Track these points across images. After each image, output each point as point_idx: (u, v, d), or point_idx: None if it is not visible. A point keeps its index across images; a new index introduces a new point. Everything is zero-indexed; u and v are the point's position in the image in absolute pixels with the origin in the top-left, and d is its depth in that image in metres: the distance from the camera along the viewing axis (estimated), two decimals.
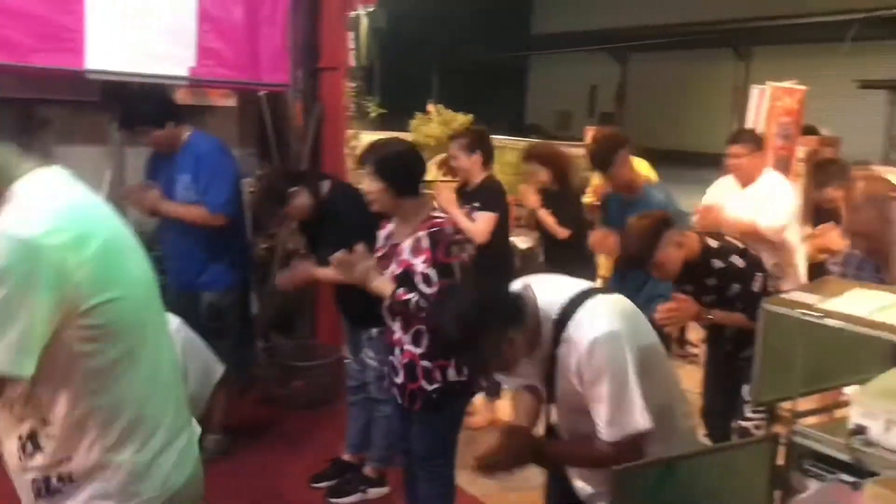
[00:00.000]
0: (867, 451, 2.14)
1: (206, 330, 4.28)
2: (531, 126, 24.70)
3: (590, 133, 12.65)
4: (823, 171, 4.52)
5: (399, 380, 3.23)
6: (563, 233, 4.78)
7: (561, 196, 4.92)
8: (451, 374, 3.15)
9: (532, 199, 4.98)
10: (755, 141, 4.90)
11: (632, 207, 4.08)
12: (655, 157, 5.70)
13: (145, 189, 4.36)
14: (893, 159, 17.65)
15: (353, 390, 4.18)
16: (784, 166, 8.72)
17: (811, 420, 2.39)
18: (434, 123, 13.48)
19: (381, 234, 3.43)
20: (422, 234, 3.13)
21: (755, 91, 8.91)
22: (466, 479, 3.70)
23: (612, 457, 2.18)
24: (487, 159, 4.73)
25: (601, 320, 2.25)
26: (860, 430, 2.16)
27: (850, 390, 2.36)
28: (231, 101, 5.65)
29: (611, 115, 24.76)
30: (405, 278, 3.13)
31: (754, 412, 3.38)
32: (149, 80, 4.64)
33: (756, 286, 3.34)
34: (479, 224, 4.48)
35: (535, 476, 2.97)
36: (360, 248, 3.20)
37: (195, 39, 4.76)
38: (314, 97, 5.24)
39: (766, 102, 8.68)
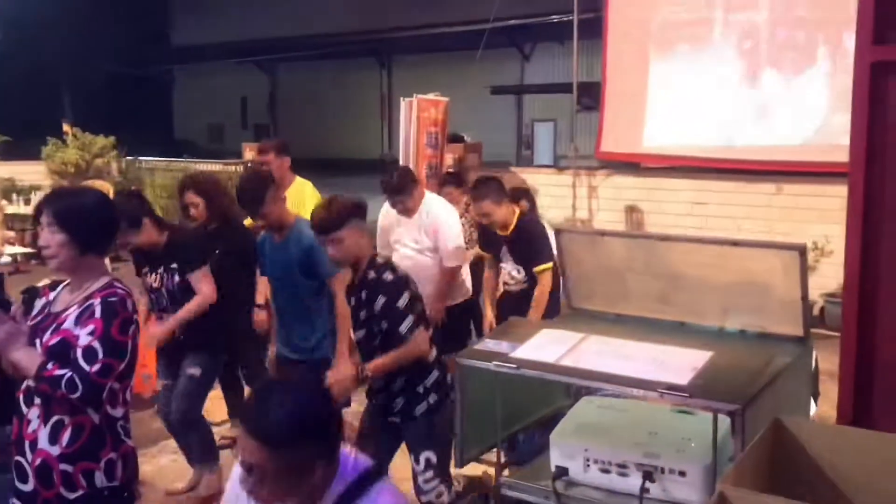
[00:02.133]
0: (569, 493, 2.16)
1: None
2: (182, 142, 23.57)
3: (248, 149, 12.34)
4: (484, 186, 4.69)
5: (27, 487, 2.65)
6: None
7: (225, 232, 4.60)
8: (99, 478, 2.60)
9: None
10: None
11: (284, 249, 3.97)
12: (310, 167, 5.58)
13: None
14: (525, 156, 19.60)
15: None
16: (434, 173, 9.21)
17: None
18: (71, 149, 12.19)
19: (39, 302, 2.83)
20: (96, 301, 2.60)
21: (403, 103, 9.25)
22: None
23: None
24: (157, 220, 4.19)
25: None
26: (562, 472, 2.17)
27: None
28: None
29: (265, 127, 24.49)
30: (60, 351, 2.58)
31: (426, 481, 3.30)
32: None
33: (401, 303, 3.28)
34: (200, 286, 4.01)
35: None
36: (17, 306, 2.62)
37: None
38: None
39: (415, 114, 9.07)
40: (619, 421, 2.30)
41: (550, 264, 4.40)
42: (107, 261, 3.85)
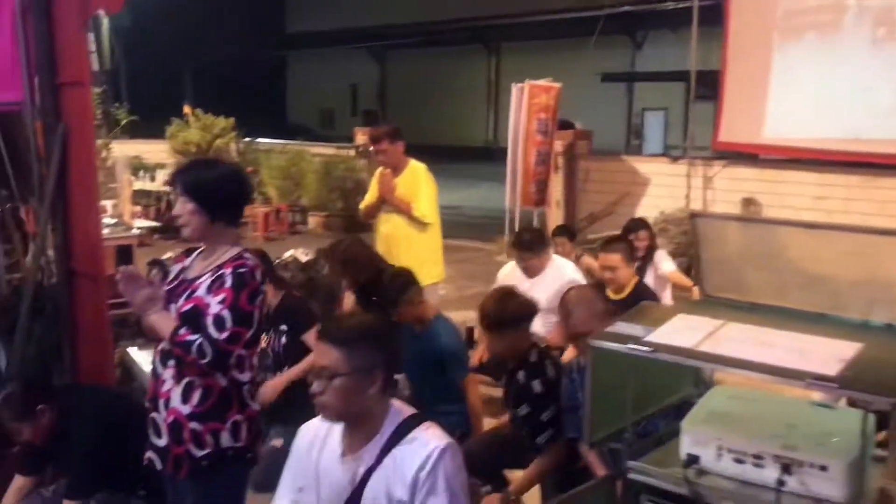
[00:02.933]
0: (701, 481, 2.11)
1: None
2: (294, 126, 24.19)
3: (360, 134, 12.55)
4: (617, 242, 4.75)
5: (162, 442, 2.79)
6: None
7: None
8: (225, 438, 2.73)
9: None
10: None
11: (421, 341, 4.07)
12: (417, 152, 5.59)
13: None
14: (634, 145, 19.21)
15: None
16: (544, 160, 9.14)
17: None
18: (193, 129, 12.70)
19: (175, 267, 2.98)
20: (227, 271, 2.72)
21: (514, 89, 9.19)
22: None
23: None
24: (276, 280, 4.31)
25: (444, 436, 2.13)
26: (693, 460, 2.13)
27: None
28: None
29: (374, 113, 24.85)
30: (192, 317, 2.71)
31: None
32: None
33: (546, 416, 3.30)
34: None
35: None
36: (154, 273, 2.77)
37: None
38: (56, 116, 4.56)
39: (525, 99, 9.00)
40: (753, 411, 2.23)
41: None
42: None
